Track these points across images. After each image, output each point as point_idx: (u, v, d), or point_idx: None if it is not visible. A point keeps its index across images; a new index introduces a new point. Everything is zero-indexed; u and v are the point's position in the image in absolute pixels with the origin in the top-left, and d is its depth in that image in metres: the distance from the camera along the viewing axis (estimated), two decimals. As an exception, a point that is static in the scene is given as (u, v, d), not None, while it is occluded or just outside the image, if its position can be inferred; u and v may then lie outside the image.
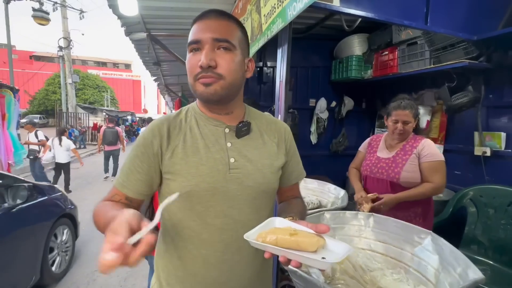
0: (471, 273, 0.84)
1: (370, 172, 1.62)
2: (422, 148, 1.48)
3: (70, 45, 12.48)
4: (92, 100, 22.47)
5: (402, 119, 1.50)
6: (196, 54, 0.62)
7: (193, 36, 0.63)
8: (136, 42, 2.98)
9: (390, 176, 1.52)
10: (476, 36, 1.68)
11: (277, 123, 0.80)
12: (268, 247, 0.52)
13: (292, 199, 0.82)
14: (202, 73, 0.61)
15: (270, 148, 0.73)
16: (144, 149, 0.66)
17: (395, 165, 1.52)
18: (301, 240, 0.52)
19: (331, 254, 0.52)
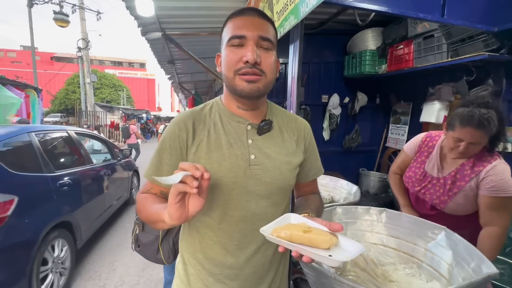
0: (485, 268, 0.83)
1: (412, 186, 1.35)
2: (486, 175, 1.10)
3: (88, 46, 12.91)
4: (109, 98, 23.19)
5: (470, 140, 1.06)
6: (238, 49, 0.63)
7: (236, 31, 0.63)
8: (151, 42, 3.07)
9: (433, 201, 1.26)
10: (497, 27, 1.62)
11: (297, 120, 0.81)
12: (282, 242, 0.55)
13: (310, 195, 0.84)
14: (246, 69, 0.62)
15: (289, 146, 0.76)
16: (171, 142, 0.70)
17: (443, 191, 1.21)
18: (314, 237, 0.54)
19: (342, 252, 0.54)
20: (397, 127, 2.98)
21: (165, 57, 3.88)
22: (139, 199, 0.72)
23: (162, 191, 0.72)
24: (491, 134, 1.05)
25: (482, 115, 1.01)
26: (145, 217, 0.68)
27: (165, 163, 0.70)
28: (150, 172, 0.71)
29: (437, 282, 1.03)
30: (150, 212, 0.65)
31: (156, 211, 0.61)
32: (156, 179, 0.54)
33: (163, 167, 0.70)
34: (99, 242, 3.17)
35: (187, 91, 7.61)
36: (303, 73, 2.96)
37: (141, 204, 0.70)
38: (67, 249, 2.27)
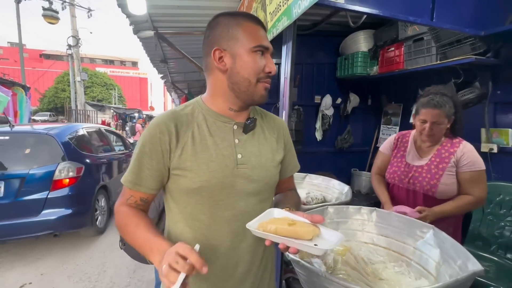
0: (471, 265, 0.86)
1: (399, 181, 1.42)
2: (461, 154, 1.28)
3: (78, 44, 12.67)
4: (100, 97, 22.80)
5: (432, 119, 1.26)
6: (261, 57, 0.68)
7: (261, 40, 0.68)
8: (143, 40, 3.03)
9: (424, 189, 1.33)
10: (484, 32, 1.66)
11: (275, 119, 0.86)
12: (269, 235, 0.58)
13: (288, 191, 0.87)
14: (267, 79, 0.69)
15: (271, 143, 0.78)
16: (152, 146, 0.67)
17: (430, 176, 1.32)
18: (298, 229, 0.57)
19: (325, 241, 0.58)
20: (388, 127, 3.03)
21: (158, 56, 3.85)
22: (120, 215, 0.70)
23: (142, 198, 0.71)
24: (448, 114, 1.27)
25: (439, 99, 1.26)
26: (128, 240, 0.67)
27: (145, 168, 0.68)
28: (129, 178, 0.69)
29: (425, 280, 1.05)
30: (135, 239, 0.65)
31: (143, 244, 0.62)
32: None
33: (143, 172, 0.68)
34: (89, 243, 3.11)
35: (180, 91, 7.55)
36: (296, 74, 2.98)
37: (122, 223, 0.69)
38: (105, 202, 3.53)
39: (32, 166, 2.60)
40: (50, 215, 2.60)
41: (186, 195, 0.70)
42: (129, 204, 0.71)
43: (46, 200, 2.58)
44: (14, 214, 2.48)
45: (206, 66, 0.73)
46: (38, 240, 3.15)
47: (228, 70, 0.68)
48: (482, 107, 2.02)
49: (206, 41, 0.71)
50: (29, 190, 2.54)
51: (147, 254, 0.60)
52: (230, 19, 0.69)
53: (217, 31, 0.69)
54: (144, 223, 0.66)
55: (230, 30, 0.67)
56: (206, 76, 0.74)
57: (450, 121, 1.30)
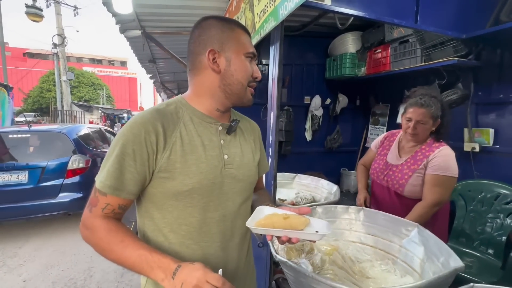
0: (452, 262, 0.88)
1: (377, 177, 1.50)
2: (432, 158, 1.30)
3: (64, 42, 12.32)
4: (87, 97, 22.26)
5: (416, 118, 1.30)
6: (251, 63, 0.73)
7: (251, 48, 0.73)
8: (131, 40, 2.97)
9: (394, 187, 1.41)
10: (465, 35, 1.72)
11: (250, 121, 0.90)
12: (270, 230, 0.62)
13: (260, 191, 0.92)
14: (254, 83, 0.74)
15: (251, 144, 0.82)
16: (136, 147, 0.62)
17: (401, 175, 1.38)
18: (293, 221, 0.62)
19: (315, 229, 0.64)
20: (376, 128, 3.08)
21: (146, 55, 3.79)
22: (98, 231, 0.62)
23: (121, 205, 0.64)
24: (434, 115, 1.30)
25: (427, 99, 1.31)
26: (112, 259, 0.61)
27: (128, 171, 0.62)
28: (108, 183, 0.61)
29: (410, 277, 1.07)
30: (123, 258, 0.59)
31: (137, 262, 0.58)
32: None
33: (125, 176, 0.62)
34: (74, 247, 3.03)
35: (169, 91, 7.46)
36: (286, 75, 2.99)
37: (103, 241, 0.61)
38: None
39: (50, 158, 3.22)
40: (65, 198, 3.19)
41: (173, 198, 0.66)
42: (105, 214, 0.64)
43: (62, 185, 3.20)
44: (37, 196, 3.08)
45: (195, 65, 0.72)
46: (20, 245, 3.05)
47: (222, 72, 0.70)
48: (465, 108, 2.08)
49: (196, 40, 0.71)
50: (48, 178, 3.15)
51: (146, 272, 0.58)
52: (223, 22, 0.71)
53: (210, 32, 0.70)
54: (130, 238, 0.61)
55: (224, 33, 0.70)
56: (192, 74, 0.73)
57: (435, 124, 1.33)
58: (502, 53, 1.92)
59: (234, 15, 1.81)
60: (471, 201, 1.95)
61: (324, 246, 1.13)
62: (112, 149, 0.64)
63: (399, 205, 1.41)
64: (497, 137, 1.98)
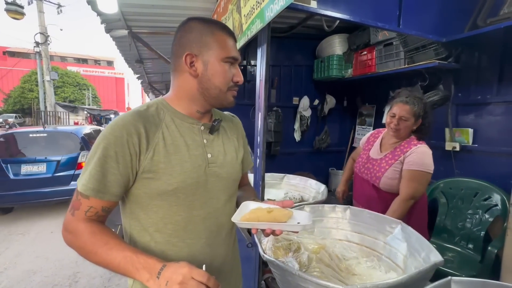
0: (433, 257, 0.92)
1: (359, 171, 1.58)
2: (409, 154, 1.37)
3: (47, 41, 11.92)
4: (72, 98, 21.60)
5: (400, 114, 1.38)
6: (231, 67, 0.72)
7: (232, 52, 0.71)
8: (117, 39, 2.92)
9: (372, 179, 1.47)
10: (445, 38, 1.79)
11: (233, 119, 0.91)
12: (255, 224, 0.65)
13: (245, 186, 0.94)
14: (235, 87, 0.74)
15: (234, 142, 0.83)
16: (118, 149, 0.62)
17: (378, 168, 1.46)
18: (277, 214, 0.66)
19: (299, 220, 0.68)
20: (363, 128, 3.15)
21: (133, 56, 3.72)
22: (81, 234, 0.62)
23: (104, 207, 0.65)
24: (416, 113, 1.37)
25: (411, 98, 1.40)
26: (96, 262, 0.61)
27: (111, 173, 0.62)
28: (91, 186, 0.61)
29: (394, 273, 1.11)
30: (107, 260, 0.59)
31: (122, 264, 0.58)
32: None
33: (108, 178, 0.62)
34: (58, 253, 2.94)
35: (157, 91, 7.36)
36: (274, 76, 3.01)
37: (87, 244, 0.61)
38: None
39: (63, 153, 3.92)
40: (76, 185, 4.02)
41: (158, 198, 0.67)
42: (88, 217, 0.63)
43: (73, 175, 3.86)
44: (53, 184, 3.78)
45: (175, 67, 0.73)
46: (0, 252, 2.92)
47: (199, 76, 0.70)
48: (446, 109, 2.16)
49: (178, 42, 0.72)
50: (62, 169, 3.84)
51: (131, 273, 0.58)
52: (204, 25, 0.70)
53: (190, 35, 0.70)
54: (114, 240, 0.61)
55: (203, 37, 0.69)
56: (174, 76, 0.74)
57: (417, 123, 1.40)
58: (479, 56, 2.01)
59: (222, 16, 1.81)
60: (452, 198, 2.02)
61: (311, 245, 1.15)
62: (94, 151, 0.63)
63: (376, 198, 1.47)
64: (476, 137, 2.07)
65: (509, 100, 1.87)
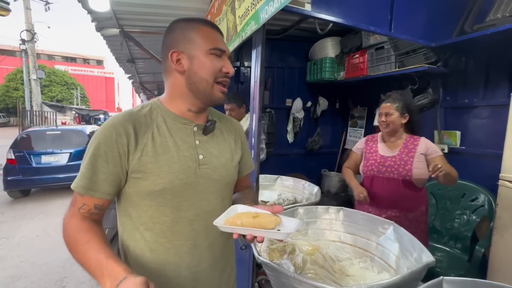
0: (424, 257, 0.93)
1: (378, 171, 1.56)
2: (425, 146, 1.52)
3: (34, 38, 11.60)
4: (60, 97, 21.08)
5: (385, 111, 1.56)
6: (218, 59, 0.71)
7: (217, 43, 0.70)
8: (108, 38, 2.86)
9: (401, 174, 1.50)
10: (434, 43, 1.84)
11: (232, 121, 0.89)
12: (235, 229, 0.62)
13: (245, 189, 0.91)
14: (225, 79, 0.72)
15: (230, 144, 0.82)
16: (108, 148, 0.64)
17: (404, 162, 1.51)
18: (262, 220, 0.63)
19: (286, 228, 0.64)
20: (355, 130, 3.20)
21: (124, 55, 3.66)
22: (70, 229, 0.64)
23: (97, 205, 0.66)
24: (398, 108, 1.54)
25: (392, 97, 1.59)
26: (77, 259, 0.62)
27: (101, 172, 0.64)
28: (81, 184, 0.64)
29: (386, 273, 1.12)
30: (85, 259, 0.59)
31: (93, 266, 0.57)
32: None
33: (98, 176, 0.64)
34: (45, 257, 2.84)
35: (149, 92, 7.27)
36: (268, 77, 3.02)
37: (71, 239, 0.62)
38: None
39: (74, 147, 4.88)
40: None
41: (147, 198, 0.68)
42: (81, 214, 0.65)
43: None
44: (67, 171, 4.70)
45: (165, 69, 0.74)
46: (-17, 257, 2.81)
47: (186, 71, 0.70)
48: (434, 111, 2.22)
49: (165, 44, 0.73)
50: (74, 159, 4.78)
51: (97, 278, 0.57)
52: (186, 23, 0.71)
53: (174, 35, 0.71)
54: (97, 240, 0.61)
55: (186, 34, 0.70)
56: (165, 78, 0.75)
57: (404, 117, 1.56)
58: (466, 61, 2.08)
59: (216, 17, 1.81)
60: (441, 199, 2.07)
61: (305, 246, 1.16)
62: (87, 151, 0.66)
63: (406, 194, 1.51)
64: (463, 139, 2.13)
65: (494, 104, 1.94)
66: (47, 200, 4.74)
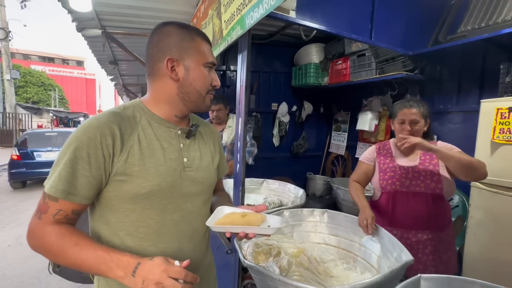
0: (404, 256, 0.97)
1: (401, 185, 1.30)
2: (444, 146, 1.27)
3: (8, 37, 11.03)
4: (36, 99, 20.05)
5: (409, 118, 1.28)
6: (210, 72, 0.75)
7: (211, 57, 0.74)
8: (89, 39, 2.78)
9: (430, 187, 1.25)
10: (411, 52, 1.94)
11: (210, 125, 0.92)
12: (228, 228, 0.66)
13: (220, 192, 0.95)
14: (213, 91, 0.77)
15: (210, 148, 0.84)
16: (91, 150, 0.61)
17: (430, 173, 1.26)
18: (251, 218, 0.68)
19: (273, 224, 0.70)
20: (338, 134, 3.28)
21: (107, 56, 3.57)
22: (49, 237, 0.59)
23: (74, 210, 0.63)
24: (424, 114, 1.29)
25: (412, 102, 1.34)
26: (68, 264, 0.59)
27: (82, 175, 0.61)
28: (60, 188, 0.59)
29: (368, 273, 1.15)
30: (79, 261, 0.58)
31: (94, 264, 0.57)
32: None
33: (79, 180, 0.61)
34: (16, 268, 2.67)
35: (132, 94, 7.09)
36: (254, 81, 3.05)
37: (55, 246, 0.59)
38: None
39: None
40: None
41: (130, 201, 0.67)
42: (56, 220, 0.61)
43: None
44: None
45: (153, 70, 0.72)
46: None
47: (181, 80, 0.71)
48: (412, 116, 2.32)
49: (156, 46, 0.71)
50: None
51: (104, 273, 0.57)
52: (184, 31, 0.71)
53: (169, 40, 0.70)
54: (85, 240, 0.60)
55: (183, 43, 0.70)
56: (151, 80, 0.73)
57: (426, 124, 1.31)
58: (441, 69, 2.20)
59: (202, 20, 1.81)
60: (420, 200, 2.15)
61: (291, 249, 1.17)
62: (63, 153, 0.61)
63: (434, 208, 1.25)
64: (439, 143, 2.23)
65: (466, 110, 2.06)
66: (20, 209, 4.48)
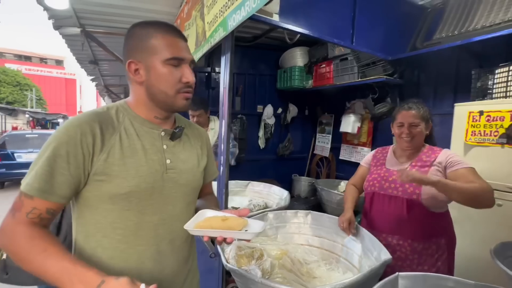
0: (383, 255, 1.00)
1: (380, 188, 1.27)
2: (447, 157, 1.18)
3: (-20, 34, 10.42)
4: (10, 99, 19.05)
5: (408, 120, 1.22)
6: (176, 69, 0.68)
7: (176, 52, 0.67)
8: (67, 38, 2.67)
9: (407, 192, 1.19)
10: (391, 56, 2.01)
11: (198, 128, 0.90)
12: (206, 231, 0.65)
13: (208, 196, 0.93)
14: (186, 89, 0.70)
15: (197, 150, 0.82)
16: (70, 148, 0.60)
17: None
18: (231, 223, 0.66)
19: (253, 228, 0.69)
20: (323, 136, 3.33)
21: (86, 56, 3.44)
22: (18, 237, 0.57)
23: (49, 209, 0.61)
24: (425, 116, 1.24)
25: (411, 104, 1.28)
26: (31, 269, 0.56)
27: (59, 173, 0.60)
28: (36, 186, 0.58)
29: (350, 273, 1.18)
30: (43, 268, 0.55)
31: (57, 274, 0.54)
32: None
33: (56, 178, 0.60)
34: None
35: (115, 95, 6.89)
36: (239, 84, 3.04)
37: (22, 249, 0.57)
38: None
39: None
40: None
41: (109, 202, 0.65)
42: (30, 219, 0.59)
43: None
44: None
45: (127, 74, 0.72)
46: None
47: (144, 82, 0.69)
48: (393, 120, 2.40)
49: (123, 49, 0.71)
50: None
51: (65, 286, 0.54)
52: (143, 29, 0.69)
53: (131, 42, 0.69)
54: (54, 247, 0.57)
55: (142, 42, 0.68)
56: (129, 83, 0.73)
57: (428, 127, 1.26)
58: (418, 74, 2.29)
59: (186, 21, 1.79)
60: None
61: (274, 251, 1.17)
62: (43, 151, 0.61)
63: (410, 217, 1.18)
64: (417, 144, 2.32)
65: (442, 113, 2.15)
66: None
